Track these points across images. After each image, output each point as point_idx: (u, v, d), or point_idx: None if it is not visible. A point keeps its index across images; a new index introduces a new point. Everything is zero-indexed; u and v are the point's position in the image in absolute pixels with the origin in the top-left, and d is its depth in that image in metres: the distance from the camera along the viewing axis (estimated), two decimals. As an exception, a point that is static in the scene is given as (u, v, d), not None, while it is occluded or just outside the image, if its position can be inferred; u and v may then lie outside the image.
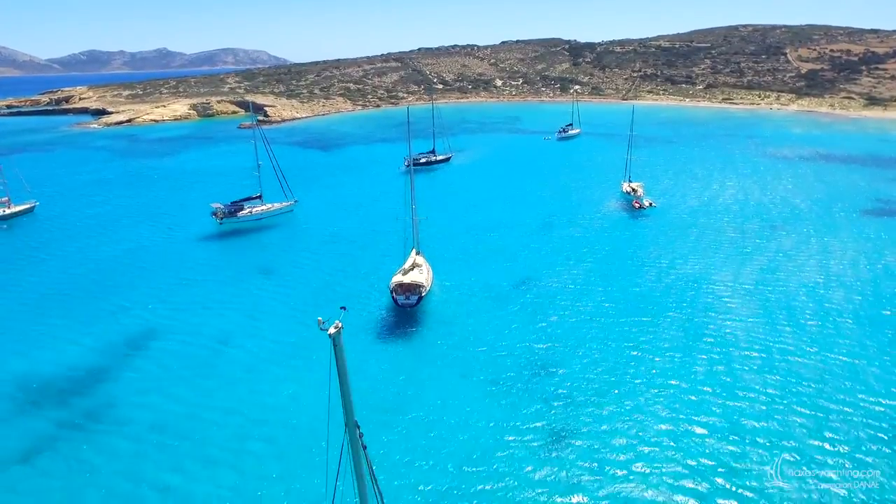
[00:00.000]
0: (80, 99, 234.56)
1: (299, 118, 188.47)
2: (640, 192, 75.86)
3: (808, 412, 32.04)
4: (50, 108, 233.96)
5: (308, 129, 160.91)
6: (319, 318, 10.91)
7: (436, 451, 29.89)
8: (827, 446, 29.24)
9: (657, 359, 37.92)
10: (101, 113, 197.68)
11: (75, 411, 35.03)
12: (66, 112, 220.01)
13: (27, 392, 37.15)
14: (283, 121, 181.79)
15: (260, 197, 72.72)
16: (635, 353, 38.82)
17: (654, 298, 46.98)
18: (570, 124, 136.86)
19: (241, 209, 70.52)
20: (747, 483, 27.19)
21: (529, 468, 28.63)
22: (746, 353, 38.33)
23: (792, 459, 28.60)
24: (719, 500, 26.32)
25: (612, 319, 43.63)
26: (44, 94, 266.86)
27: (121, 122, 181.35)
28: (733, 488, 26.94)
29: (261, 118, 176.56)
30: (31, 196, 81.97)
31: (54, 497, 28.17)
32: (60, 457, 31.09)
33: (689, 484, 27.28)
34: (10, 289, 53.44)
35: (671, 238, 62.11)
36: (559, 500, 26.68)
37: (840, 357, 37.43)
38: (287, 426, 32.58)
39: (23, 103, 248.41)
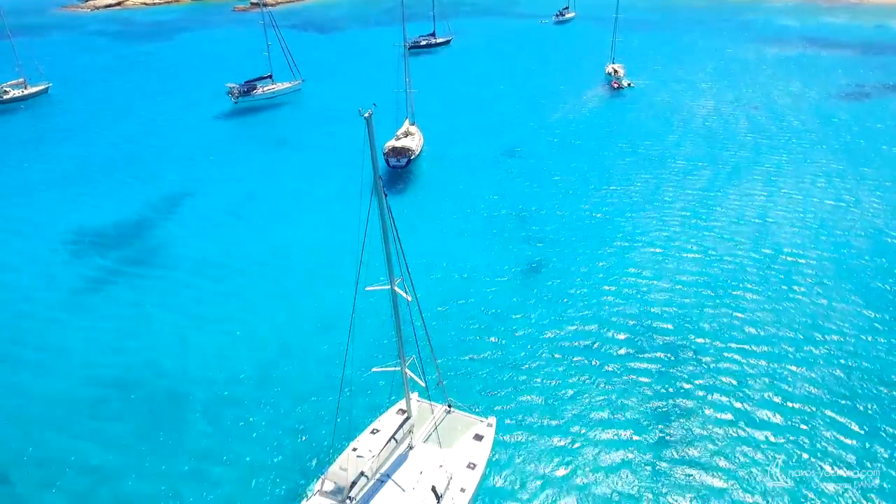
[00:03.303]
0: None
1: (293, 1, 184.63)
2: (621, 73, 79.97)
3: (747, 261, 39.14)
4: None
5: (303, 13, 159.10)
6: (360, 109, 16.70)
7: (433, 285, 37.04)
8: (743, 293, 36.00)
9: (621, 218, 44.65)
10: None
11: (130, 252, 42.13)
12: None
13: (87, 237, 44.17)
14: (278, 3, 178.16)
15: (271, 76, 76.90)
16: (604, 214, 45.58)
17: (622, 169, 53.19)
18: (567, 7, 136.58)
19: (255, 88, 75.09)
20: (681, 300, 34.91)
21: (511, 289, 36.28)
22: (698, 217, 44.61)
23: (712, 295, 36.09)
24: (655, 308, 34.02)
25: (585, 185, 50.12)
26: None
27: (110, 6, 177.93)
28: (664, 300, 34.74)
29: (253, 1, 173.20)
30: (44, 78, 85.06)
31: (126, 313, 35.24)
32: (124, 287, 38.07)
33: (630, 313, 34.99)
34: (48, 161, 59.18)
35: (645, 116, 67.22)
36: (532, 312, 34.33)
37: (778, 217, 44.15)
38: (310, 254, 40.62)
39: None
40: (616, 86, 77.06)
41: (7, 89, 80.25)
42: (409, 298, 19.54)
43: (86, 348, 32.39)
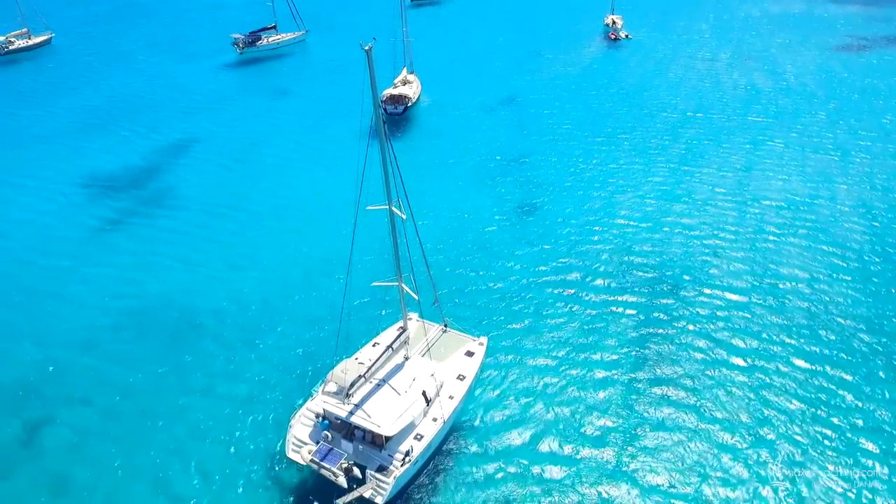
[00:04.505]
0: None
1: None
2: (619, 24, 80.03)
3: (729, 207, 40.95)
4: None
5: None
6: (361, 42, 18.31)
7: (430, 225, 38.77)
8: (723, 241, 37.85)
9: (612, 164, 46.15)
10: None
11: (137, 199, 43.65)
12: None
13: (96, 184, 45.90)
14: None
15: (275, 27, 77.54)
16: (595, 161, 47.05)
17: (615, 119, 54.48)
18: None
19: (259, 39, 75.81)
20: (663, 242, 36.82)
21: (504, 229, 38.21)
22: (686, 165, 45.97)
23: (694, 240, 37.89)
24: (639, 248, 35.87)
25: (579, 133, 51.53)
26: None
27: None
28: (649, 243, 36.67)
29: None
30: (47, 28, 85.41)
31: (127, 260, 36.60)
32: (132, 229, 39.81)
33: (616, 253, 36.88)
34: (54, 111, 60.57)
35: (642, 69, 67.91)
36: (524, 249, 36.29)
37: (764, 166, 45.68)
38: (311, 196, 42.53)
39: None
40: (613, 37, 77.35)
41: (12, 40, 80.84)
42: (404, 217, 21.42)
43: (102, 286, 33.91)
